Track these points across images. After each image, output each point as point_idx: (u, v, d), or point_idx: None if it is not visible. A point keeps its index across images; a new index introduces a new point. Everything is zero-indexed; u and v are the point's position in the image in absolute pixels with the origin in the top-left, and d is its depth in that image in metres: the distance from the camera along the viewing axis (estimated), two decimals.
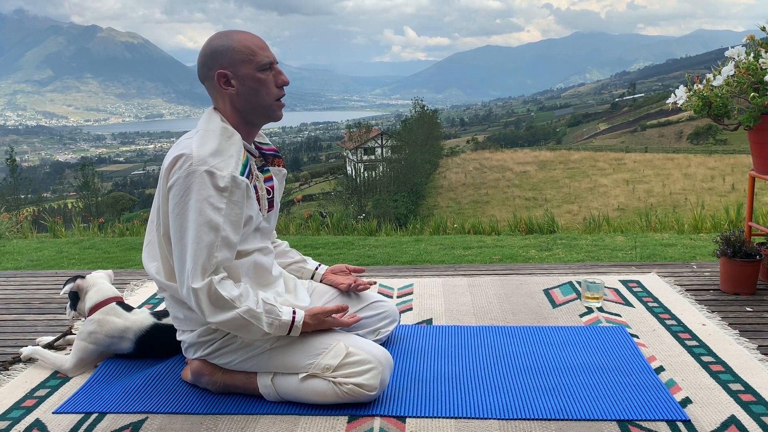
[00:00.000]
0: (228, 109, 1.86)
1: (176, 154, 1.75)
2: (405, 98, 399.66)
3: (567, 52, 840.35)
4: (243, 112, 1.86)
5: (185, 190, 1.71)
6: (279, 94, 1.89)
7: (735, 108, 2.69)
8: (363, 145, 52.46)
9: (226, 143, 1.79)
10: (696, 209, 6.33)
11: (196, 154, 1.72)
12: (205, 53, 1.84)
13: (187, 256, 1.71)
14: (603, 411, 1.80)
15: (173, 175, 1.74)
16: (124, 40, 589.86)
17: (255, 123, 1.91)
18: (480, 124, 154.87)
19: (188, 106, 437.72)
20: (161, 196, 1.82)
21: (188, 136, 1.83)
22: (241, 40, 1.82)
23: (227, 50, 1.81)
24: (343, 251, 4.72)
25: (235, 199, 1.75)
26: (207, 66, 1.84)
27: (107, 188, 57.40)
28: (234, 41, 1.82)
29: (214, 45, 1.83)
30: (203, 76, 1.87)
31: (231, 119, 1.86)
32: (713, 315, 2.56)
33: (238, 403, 1.90)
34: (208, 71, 1.84)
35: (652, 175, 40.80)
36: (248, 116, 1.88)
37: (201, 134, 1.79)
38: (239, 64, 1.81)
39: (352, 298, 2.22)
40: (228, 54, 1.80)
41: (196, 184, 1.70)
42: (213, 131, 1.80)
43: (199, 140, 1.77)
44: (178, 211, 1.73)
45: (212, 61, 1.82)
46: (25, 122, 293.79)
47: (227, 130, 1.82)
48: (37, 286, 3.32)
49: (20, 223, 7.58)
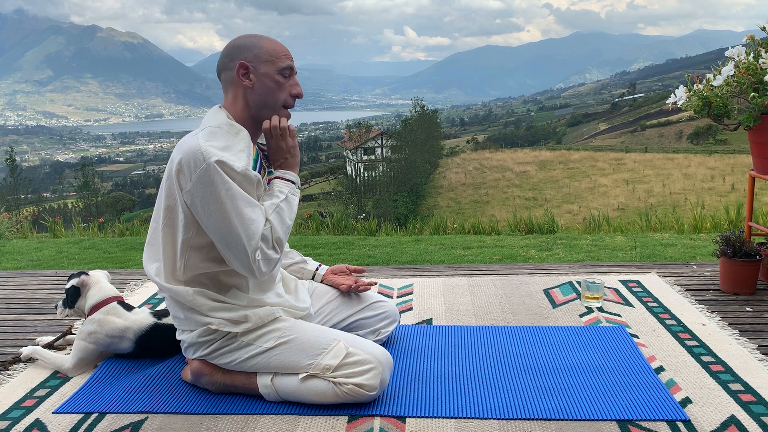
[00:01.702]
0: (239, 102, 1.87)
1: (184, 155, 1.73)
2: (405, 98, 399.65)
3: (567, 52, 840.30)
4: (253, 107, 1.88)
5: (209, 185, 1.70)
6: (289, 103, 1.92)
7: (735, 108, 2.69)
8: (363, 145, 52.48)
9: (234, 139, 1.80)
10: (696, 209, 6.33)
11: (205, 149, 1.72)
12: (231, 46, 1.89)
13: (243, 241, 1.73)
14: (603, 411, 1.80)
15: (188, 177, 1.72)
16: (124, 40, 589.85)
17: (261, 121, 1.92)
18: (480, 124, 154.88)
19: (188, 106, 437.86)
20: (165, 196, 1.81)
21: (193, 134, 1.82)
22: (269, 43, 1.89)
23: (254, 47, 1.87)
24: (343, 251, 4.72)
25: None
26: (229, 56, 1.87)
27: (107, 188, 57.42)
28: (262, 42, 1.88)
29: (242, 41, 1.89)
30: (222, 67, 1.89)
31: (239, 114, 1.87)
32: (713, 315, 2.56)
33: (238, 403, 1.90)
34: (230, 62, 1.87)
35: (652, 175, 40.80)
36: (258, 114, 1.89)
37: (207, 131, 1.78)
38: (262, 62, 1.86)
39: (352, 298, 2.22)
40: (254, 50, 1.86)
41: (217, 176, 1.70)
42: (219, 128, 1.80)
43: (206, 136, 1.76)
44: (213, 208, 1.72)
45: (236, 52, 1.86)
46: (25, 122, 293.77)
47: (234, 126, 1.83)
48: (37, 286, 3.32)
49: (20, 223, 7.58)
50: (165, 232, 1.84)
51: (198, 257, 1.84)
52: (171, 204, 1.82)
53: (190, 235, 1.81)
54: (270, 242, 1.78)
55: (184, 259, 1.84)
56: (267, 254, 1.77)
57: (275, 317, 1.90)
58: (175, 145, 1.86)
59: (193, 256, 1.84)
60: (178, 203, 1.79)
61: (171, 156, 1.82)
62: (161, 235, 1.85)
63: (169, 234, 1.84)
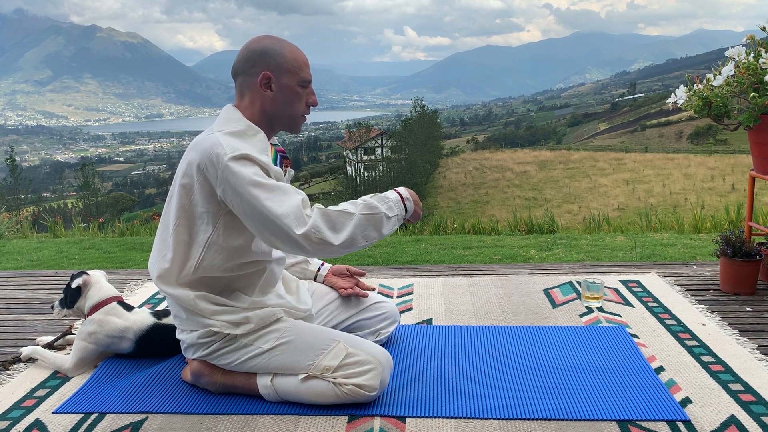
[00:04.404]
0: (257, 108, 1.85)
1: (205, 153, 1.72)
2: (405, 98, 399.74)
3: (567, 52, 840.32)
4: (270, 116, 1.87)
5: (234, 182, 1.69)
6: (306, 112, 1.92)
7: (735, 108, 2.69)
8: (363, 145, 52.49)
9: (251, 140, 1.79)
10: (696, 209, 6.33)
11: (227, 144, 1.72)
12: (254, 50, 1.84)
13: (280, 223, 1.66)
14: (603, 411, 1.80)
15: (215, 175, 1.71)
16: (123, 40, 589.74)
17: (276, 128, 1.92)
18: (480, 124, 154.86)
19: (188, 106, 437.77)
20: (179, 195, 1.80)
21: (208, 132, 1.81)
22: (292, 52, 1.85)
23: (278, 55, 1.83)
24: None
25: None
26: (251, 62, 1.83)
27: (107, 188, 57.43)
28: (286, 50, 1.84)
29: (266, 46, 1.84)
30: (241, 70, 1.85)
31: (255, 117, 1.86)
32: (713, 315, 2.56)
33: (238, 403, 1.90)
34: (251, 68, 1.83)
35: (652, 175, 40.79)
36: (273, 121, 1.88)
37: (226, 131, 1.78)
38: (285, 72, 1.83)
39: (352, 299, 2.22)
40: (277, 59, 1.83)
41: (238, 170, 1.69)
42: (237, 129, 1.80)
43: (225, 134, 1.76)
44: (245, 203, 1.69)
45: (260, 59, 1.82)
46: (25, 122, 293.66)
47: (251, 128, 1.83)
48: (37, 286, 3.32)
49: (20, 223, 7.59)
50: (178, 232, 1.83)
51: (221, 258, 1.82)
52: (186, 203, 1.81)
53: (218, 232, 1.79)
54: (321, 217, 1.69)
55: (200, 258, 1.82)
56: (310, 228, 1.66)
57: (276, 318, 1.90)
58: (176, 145, 1.85)
59: (215, 258, 1.82)
60: (197, 201, 1.78)
61: (184, 156, 1.81)
62: (173, 235, 1.83)
63: (183, 234, 1.83)
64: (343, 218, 1.72)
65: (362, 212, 1.74)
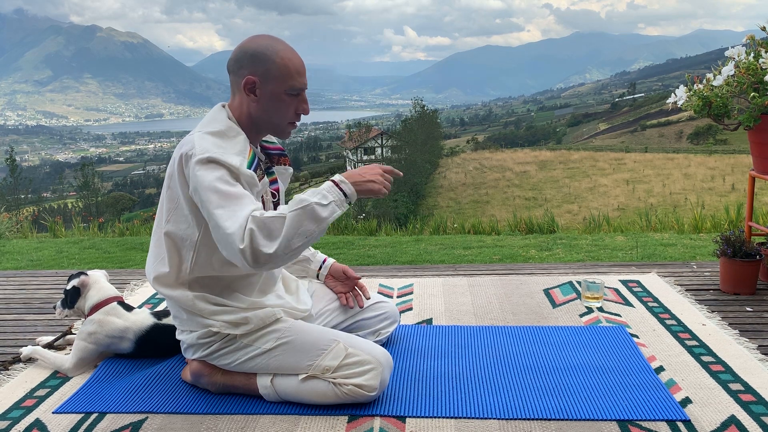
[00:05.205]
0: (243, 110, 1.84)
1: (183, 153, 1.73)
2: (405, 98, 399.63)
3: (567, 52, 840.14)
4: (255, 120, 1.85)
5: (196, 184, 1.68)
6: (294, 119, 1.87)
7: (735, 108, 2.69)
8: (363, 145, 52.50)
9: (230, 142, 1.77)
10: (696, 209, 6.33)
11: (199, 146, 1.71)
12: (245, 50, 1.80)
13: (226, 234, 1.61)
14: (603, 411, 1.80)
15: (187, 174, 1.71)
16: (123, 40, 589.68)
17: (262, 131, 1.91)
18: (480, 124, 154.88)
19: (188, 106, 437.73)
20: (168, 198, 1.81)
21: (191, 132, 1.82)
22: (284, 59, 1.78)
23: (267, 61, 1.77)
24: (343, 251, 4.72)
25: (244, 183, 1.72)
26: (240, 63, 1.80)
27: (107, 188, 57.39)
28: (277, 56, 1.78)
29: (257, 48, 1.79)
30: (231, 69, 1.83)
31: (241, 119, 1.85)
32: (713, 315, 2.56)
33: (238, 403, 1.90)
34: (239, 69, 1.81)
35: (652, 175, 40.77)
36: (258, 124, 1.87)
37: (205, 131, 1.77)
38: (271, 79, 1.78)
39: (352, 300, 2.22)
40: (266, 65, 1.77)
41: (201, 173, 1.66)
42: (217, 129, 1.79)
43: (203, 135, 1.75)
44: (204, 207, 1.67)
45: (249, 62, 1.78)
46: (25, 122, 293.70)
47: (233, 129, 1.81)
48: (37, 286, 3.31)
49: (20, 222, 7.58)
50: (169, 234, 1.83)
51: (214, 258, 1.81)
52: (172, 206, 1.81)
53: (205, 232, 1.78)
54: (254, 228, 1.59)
55: (193, 260, 1.82)
56: (246, 245, 1.57)
57: (276, 318, 1.90)
58: (176, 145, 1.85)
59: (208, 257, 1.81)
60: (182, 202, 1.78)
61: (172, 156, 1.82)
62: (165, 238, 1.83)
63: (174, 235, 1.83)
64: (277, 222, 1.62)
65: (292, 209, 1.64)
